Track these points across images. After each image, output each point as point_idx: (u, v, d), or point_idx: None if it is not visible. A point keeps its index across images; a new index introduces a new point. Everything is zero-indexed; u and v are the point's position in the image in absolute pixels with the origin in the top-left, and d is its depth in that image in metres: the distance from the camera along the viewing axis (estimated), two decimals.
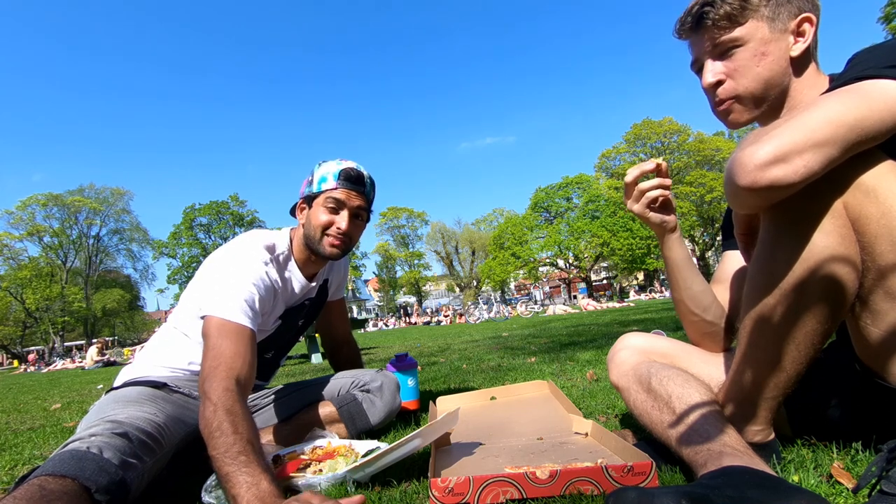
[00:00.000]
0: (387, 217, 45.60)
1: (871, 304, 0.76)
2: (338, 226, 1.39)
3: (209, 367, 1.09)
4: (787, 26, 0.88)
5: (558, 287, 47.46)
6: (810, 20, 0.89)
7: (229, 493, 0.91)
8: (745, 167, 0.71)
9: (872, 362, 0.81)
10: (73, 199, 37.35)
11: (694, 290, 1.07)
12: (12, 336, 35.97)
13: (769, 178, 0.70)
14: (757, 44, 0.89)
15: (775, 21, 0.88)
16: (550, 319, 11.51)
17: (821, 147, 0.69)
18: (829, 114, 0.70)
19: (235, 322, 1.17)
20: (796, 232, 0.75)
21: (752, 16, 0.88)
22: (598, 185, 37.16)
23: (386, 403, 1.58)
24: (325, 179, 1.40)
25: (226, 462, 0.93)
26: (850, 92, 0.72)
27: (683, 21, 0.96)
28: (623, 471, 0.88)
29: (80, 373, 11.12)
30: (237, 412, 1.01)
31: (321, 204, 1.40)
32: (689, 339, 1.15)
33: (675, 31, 1.00)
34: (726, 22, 0.89)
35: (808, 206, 0.74)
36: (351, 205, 1.41)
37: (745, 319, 0.84)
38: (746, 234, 0.89)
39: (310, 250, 1.45)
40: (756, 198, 0.73)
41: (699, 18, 0.92)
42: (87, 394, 4.74)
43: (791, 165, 0.69)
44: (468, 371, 3.12)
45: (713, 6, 0.90)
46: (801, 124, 0.70)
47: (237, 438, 0.96)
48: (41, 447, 2.08)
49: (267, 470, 0.94)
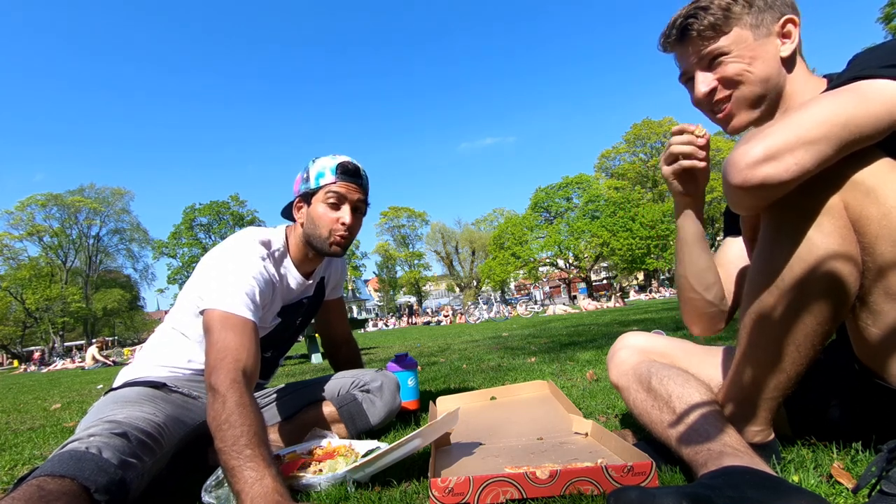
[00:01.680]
0: (387, 217, 45.63)
1: (871, 305, 0.75)
2: (342, 220, 1.39)
3: (215, 360, 1.08)
4: (771, 30, 0.89)
5: (558, 287, 47.46)
6: (794, 21, 0.89)
7: (233, 487, 0.91)
8: (737, 166, 0.72)
9: (872, 362, 0.81)
10: (73, 199, 37.38)
11: (699, 265, 1.03)
12: (12, 336, 35.97)
13: (760, 176, 0.70)
14: (744, 50, 0.89)
15: (759, 27, 0.88)
16: (550, 319, 11.52)
17: (813, 145, 0.69)
18: (823, 112, 0.70)
19: (238, 314, 1.17)
20: (796, 232, 0.75)
21: (735, 24, 0.89)
22: (598, 185, 37.18)
23: (386, 403, 1.58)
24: (323, 175, 1.40)
25: (232, 455, 0.93)
26: (845, 91, 0.73)
27: (668, 34, 0.96)
28: (623, 471, 0.88)
29: (80, 373, 11.12)
30: (245, 404, 1.01)
31: (321, 200, 1.39)
32: (685, 324, 1.11)
33: (660, 45, 0.99)
34: (711, 32, 0.89)
35: (807, 205, 0.74)
36: (351, 198, 1.41)
37: (744, 319, 0.84)
38: (753, 240, 0.88)
39: (311, 248, 1.44)
40: (750, 197, 0.73)
41: (683, 30, 0.92)
42: (87, 394, 4.74)
43: (782, 163, 0.69)
44: (468, 371, 3.12)
45: (696, 17, 0.90)
46: (794, 123, 0.71)
47: (244, 431, 0.96)
48: (41, 447, 2.08)
49: (272, 465, 0.94)
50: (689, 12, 0.92)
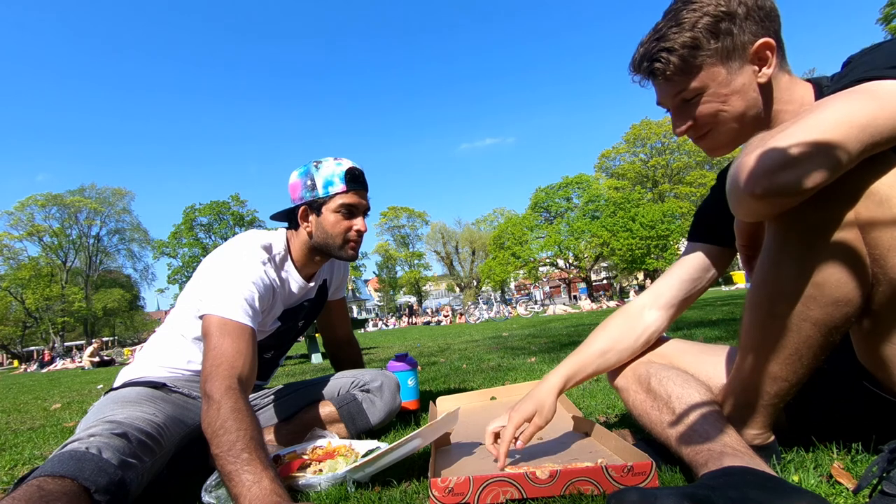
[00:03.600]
0: (387, 217, 45.60)
1: (880, 315, 0.73)
2: (357, 229, 1.42)
3: (211, 367, 1.08)
4: (744, 57, 0.83)
5: (558, 287, 47.46)
6: (769, 45, 0.82)
7: (231, 492, 0.91)
8: (753, 173, 0.66)
9: (878, 371, 0.79)
10: (74, 199, 37.38)
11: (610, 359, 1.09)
12: (12, 336, 35.97)
13: (778, 185, 0.65)
14: (717, 87, 0.84)
15: (730, 59, 0.82)
16: (550, 319, 11.52)
17: (833, 150, 0.64)
18: (839, 115, 0.65)
19: (236, 320, 1.17)
20: (803, 241, 0.71)
21: (704, 60, 0.83)
22: (598, 185, 37.14)
23: (386, 403, 1.58)
24: (332, 182, 1.39)
25: (228, 461, 0.93)
26: (856, 93, 0.68)
27: (637, 69, 0.91)
28: (623, 471, 0.88)
29: (80, 373, 11.11)
30: (240, 409, 1.01)
31: (334, 210, 1.39)
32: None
33: (630, 73, 0.93)
34: (679, 76, 0.85)
35: (816, 214, 0.69)
36: (363, 207, 1.43)
37: (746, 328, 0.82)
38: (748, 247, 0.85)
39: (323, 254, 1.45)
40: (764, 206, 0.69)
41: (650, 74, 0.88)
42: (87, 394, 4.74)
43: (802, 171, 0.64)
44: (468, 371, 3.12)
45: (660, 61, 0.84)
46: (810, 127, 0.65)
47: (240, 436, 0.96)
48: (41, 447, 2.08)
49: (269, 467, 0.93)
50: (652, 53, 0.85)
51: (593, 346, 1.10)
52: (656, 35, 0.86)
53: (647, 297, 1.11)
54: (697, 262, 1.07)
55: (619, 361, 1.09)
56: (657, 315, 1.09)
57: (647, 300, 1.10)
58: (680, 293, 1.08)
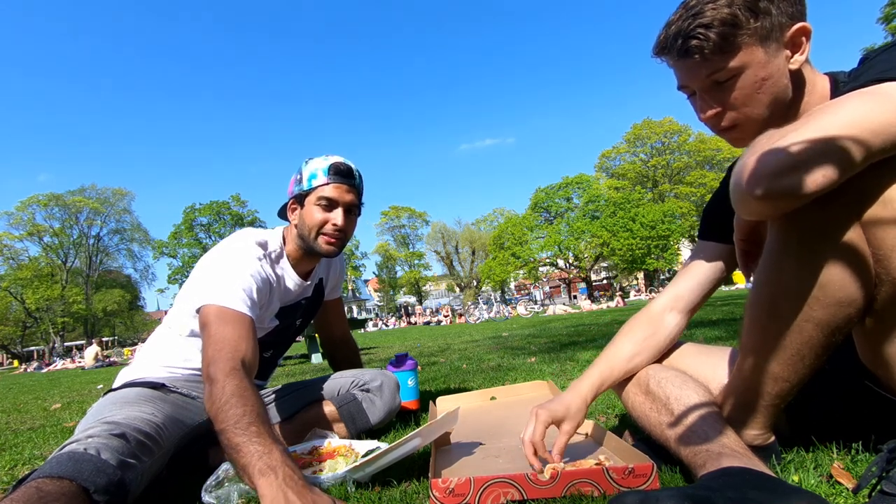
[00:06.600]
0: (387, 217, 45.62)
1: (884, 317, 0.72)
2: (333, 223, 1.39)
3: (213, 352, 1.06)
4: (780, 40, 0.80)
5: (558, 287, 47.45)
6: (805, 31, 0.80)
7: (238, 463, 0.87)
8: (758, 174, 0.65)
9: (881, 371, 0.78)
10: (74, 200, 37.38)
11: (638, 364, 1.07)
12: (12, 336, 35.97)
13: (781, 188, 0.64)
14: (755, 69, 0.80)
15: (768, 39, 0.79)
16: (550, 319, 11.52)
17: (842, 153, 0.62)
18: (851, 117, 0.63)
19: (235, 309, 1.16)
20: (806, 241, 0.70)
21: (744, 40, 0.78)
22: (598, 185, 37.17)
23: (386, 403, 1.58)
24: (315, 176, 1.39)
25: (236, 433, 0.89)
26: (871, 94, 0.66)
27: (665, 49, 0.85)
28: (624, 472, 0.88)
29: (80, 373, 11.12)
30: (245, 387, 0.99)
31: (314, 202, 1.39)
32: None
33: (655, 55, 0.88)
34: (717, 54, 0.79)
35: (819, 214, 0.68)
36: (344, 200, 1.40)
37: (747, 327, 0.82)
38: (746, 241, 0.84)
39: (305, 249, 1.44)
40: (766, 207, 0.68)
41: (685, 54, 0.82)
42: (87, 394, 4.74)
43: (809, 173, 0.62)
44: (468, 371, 3.11)
45: (698, 38, 0.79)
46: (820, 128, 0.63)
47: (247, 411, 0.93)
48: (41, 447, 2.08)
49: (278, 441, 0.91)
50: (688, 30, 0.80)
51: (621, 351, 1.09)
52: (691, 12, 0.80)
53: (666, 300, 1.10)
54: (712, 262, 1.07)
55: (643, 365, 1.08)
56: (678, 318, 1.08)
57: (668, 302, 1.09)
58: (698, 297, 1.08)
